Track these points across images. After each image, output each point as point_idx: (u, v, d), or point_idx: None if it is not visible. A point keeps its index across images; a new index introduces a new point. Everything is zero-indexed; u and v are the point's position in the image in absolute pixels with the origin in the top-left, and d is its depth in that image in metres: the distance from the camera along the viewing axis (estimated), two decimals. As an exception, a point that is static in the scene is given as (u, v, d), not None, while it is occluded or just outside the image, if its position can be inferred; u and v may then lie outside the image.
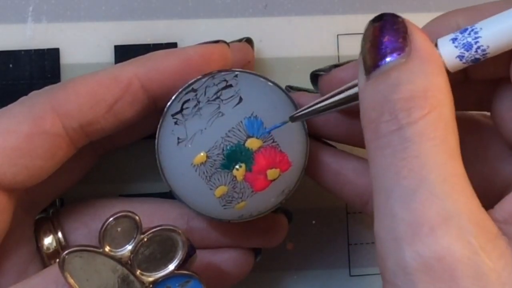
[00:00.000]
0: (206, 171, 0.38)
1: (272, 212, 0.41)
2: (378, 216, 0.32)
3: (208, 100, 0.38)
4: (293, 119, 0.39)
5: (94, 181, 0.46)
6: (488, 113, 0.39)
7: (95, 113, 0.39)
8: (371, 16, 0.43)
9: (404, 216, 0.31)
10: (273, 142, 0.39)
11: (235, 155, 0.38)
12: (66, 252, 0.35)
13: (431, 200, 0.31)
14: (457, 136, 0.32)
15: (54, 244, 0.42)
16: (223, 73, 0.39)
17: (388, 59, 0.33)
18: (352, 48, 0.47)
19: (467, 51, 0.34)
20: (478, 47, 0.34)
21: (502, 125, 0.37)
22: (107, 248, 0.35)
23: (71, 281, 0.35)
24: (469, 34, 0.34)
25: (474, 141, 0.39)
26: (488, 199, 0.38)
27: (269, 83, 0.40)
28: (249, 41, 0.45)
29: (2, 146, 0.37)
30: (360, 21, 0.47)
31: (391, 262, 0.32)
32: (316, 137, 0.42)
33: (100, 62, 0.46)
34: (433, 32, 0.36)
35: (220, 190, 0.38)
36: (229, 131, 0.38)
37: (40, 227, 0.42)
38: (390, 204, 0.32)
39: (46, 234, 0.42)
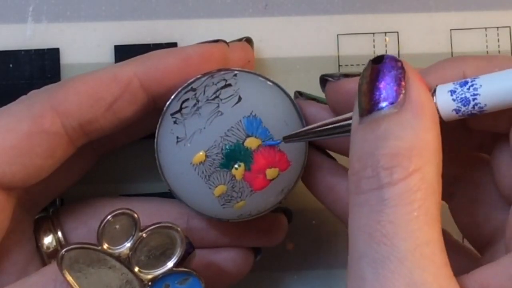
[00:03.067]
0: (205, 170, 0.38)
1: (272, 211, 0.41)
2: (350, 274, 0.32)
3: (207, 99, 0.38)
4: (286, 139, 0.38)
5: (94, 181, 0.46)
6: None
7: (94, 112, 0.39)
8: (371, 16, 0.43)
9: (374, 283, 0.30)
10: (272, 141, 0.38)
11: (234, 154, 0.38)
12: (64, 249, 0.35)
13: (400, 270, 0.30)
14: (439, 197, 0.32)
15: (54, 243, 0.42)
16: (222, 72, 0.39)
17: (381, 106, 0.32)
18: (352, 48, 0.47)
19: (464, 106, 0.33)
20: (476, 104, 0.33)
21: (499, 178, 0.37)
22: (105, 246, 0.35)
23: (70, 278, 0.35)
24: (468, 89, 0.33)
25: (472, 180, 0.39)
26: (477, 242, 0.38)
27: (268, 83, 0.40)
28: (248, 40, 0.45)
29: (1, 145, 0.37)
30: (360, 21, 0.47)
31: None
32: (317, 146, 0.42)
33: (100, 62, 0.46)
34: (437, 76, 0.35)
35: (219, 189, 0.38)
36: (228, 130, 0.38)
37: (40, 226, 0.42)
38: (361, 266, 0.31)
39: (46, 233, 0.42)
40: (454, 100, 0.33)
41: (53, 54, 0.46)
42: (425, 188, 0.31)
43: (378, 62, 0.33)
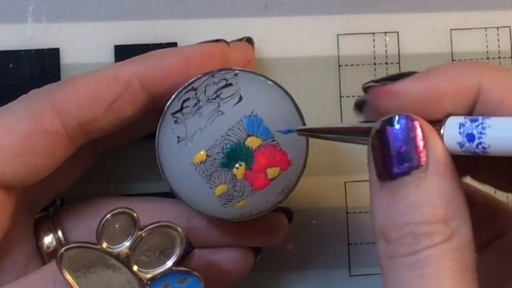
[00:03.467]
0: (206, 170, 0.38)
1: (272, 211, 0.41)
2: None
3: (208, 99, 0.38)
4: (300, 132, 0.38)
5: (94, 181, 0.46)
6: None
7: (94, 112, 0.39)
8: (371, 16, 0.43)
9: None
10: (273, 140, 0.38)
11: (235, 154, 0.38)
12: (64, 248, 0.35)
13: None
14: (474, 253, 0.32)
15: (54, 243, 0.42)
16: (223, 72, 0.39)
17: (405, 172, 0.32)
18: (352, 48, 0.47)
19: (468, 142, 0.32)
20: (480, 143, 0.32)
21: None
22: (104, 245, 0.35)
23: (69, 277, 0.35)
24: (477, 126, 0.32)
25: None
26: None
27: (269, 82, 0.40)
28: (249, 40, 0.45)
29: (1, 144, 0.37)
30: (360, 21, 0.47)
31: None
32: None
33: (100, 62, 0.46)
34: (453, 82, 0.33)
35: (220, 188, 0.38)
36: (229, 129, 0.38)
37: (40, 226, 0.42)
38: None
39: (46, 233, 0.42)
40: (460, 133, 0.32)
41: (53, 54, 0.46)
42: (463, 247, 0.31)
43: (392, 124, 0.32)
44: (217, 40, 0.41)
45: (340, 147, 0.44)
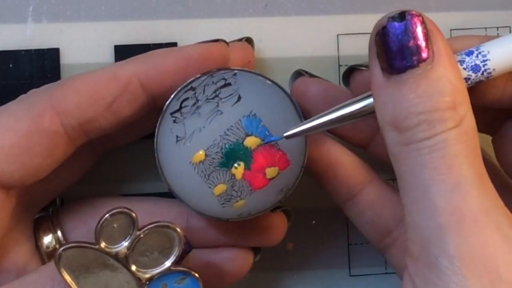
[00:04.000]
0: (205, 170, 0.38)
1: (271, 211, 0.41)
2: (417, 208, 0.34)
3: (207, 99, 0.38)
4: (288, 137, 0.38)
5: (94, 180, 0.46)
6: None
7: (94, 111, 0.39)
8: (371, 16, 0.43)
9: (447, 207, 0.33)
10: (272, 140, 0.38)
11: (233, 154, 0.38)
12: (62, 248, 0.35)
13: (472, 194, 0.33)
14: (478, 138, 0.35)
15: (54, 242, 0.42)
16: (222, 71, 0.39)
17: (413, 64, 0.34)
18: (352, 48, 0.47)
19: (475, 73, 0.35)
20: (486, 70, 0.35)
21: (502, 157, 0.41)
22: (103, 245, 0.35)
23: (67, 277, 0.35)
24: (477, 56, 0.35)
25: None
26: None
27: (268, 82, 0.40)
28: (249, 40, 0.45)
29: (0, 144, 0.37)
30: (360, 21, 0.47)
31: (434, 248, 0.33)
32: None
33: (100, 62, 0.46)
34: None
35: (219, 188, 0.38)
36: (227, 129, 0.38)
37: (40, 226, 0.42)
38: (430, 197, 0.33)
39: (45, 233, 0.42)
40: (465, 69, 0.36)
41: (53, 54, 0.46)
42: (472, 129, 0.34)
43: (397, 19, 0.34)
44: (216, 40, 0.41)
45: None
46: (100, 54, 0.46)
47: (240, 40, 0.45)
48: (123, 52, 0.46)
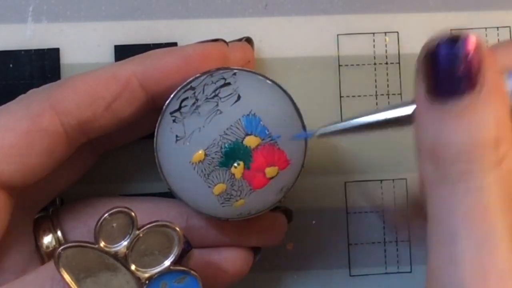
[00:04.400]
0: (205, 169, 0.38)
1: (271, 211, 0.41)
2: (441, 258, 0.32)
3: (207, 98, 0.38)
4: (320, 135, 0.37)
5: (94, 180, 0.46)
6: None
7: (93, 111, 0.39)
8: (371, 16, 0.43)
9: (473, 263, 0.31)
10: (271, 140, 0.38)
11: (233, 153, 0.38)
12: (61, 247, 0.35)
13: (499, 249, 0.31)
14: None
15: (54, 242, 0.42)
16: (221, 71, 0.39)
17: (461, 92, 0.32)
18: (352, 48, 0.47)
19: None
20: None
21: None
22: (102, 244, 0.35)
23: (67, 276, 0.35)
24: None
25: None
26: None
27: (268, 81, 0.40)
28: (249, 40, 0.45)
29: (0, 144, 0.37)
30: (360, 21, 0.47)
31: None
32: None
33: (100, 62, 0.46)
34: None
35: (219, 188, 0.38)
36: (227, 129, 0.38)
37: (40, 226, 0.42)
38: (456, 249, 0.31)
39: (45, 233, 0.42)
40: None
41: (53, 54, 0.46)
42: (510, 173, 0.32)
43: (449, 43, 0.33)
44: (216, 40, 0.41)
45: (340, 147, 0.44)
46: (100, 54, 0.46)
47: (239, 40, 0.45)
48: (123, 52, 0.46)
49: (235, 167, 0.38)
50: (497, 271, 0.31)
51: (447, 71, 0.32)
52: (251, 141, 0.38)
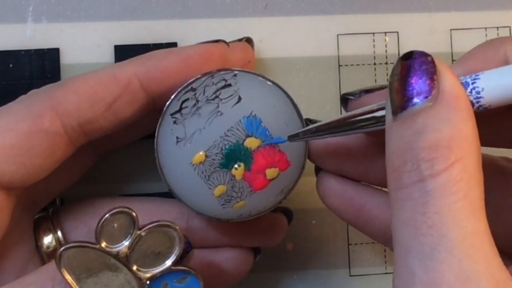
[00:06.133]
0: (205, 170, 0.38)
1: (272, 211, 0.41)
2: (397, 272, 0.31)
3: (207, 99, 0.38)
4: (291, 138, 0.38)
5: (94, 181, 0.46)
6: None
7: (94, 112, 0.39)
8: (371, 16, 0.43)
9: (422, 276, 0.30)
10: (272, 141, 0.38)
11: (234, 154, 0.38)
12: (63, 248, 0.35)
13: (450, 260, 0.30)
14: (482, 188, 0.31)
15: (54, 243, 0.42)
16: (222, 72, 0.39)
17: (414, 101, 0.32)
18: (352, 48, 0.47)
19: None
20: (480, 106, 0.33)
21: None
22: (103, 244, 0.35)
23: (68, 277, 0.35)
24: (471, 92, 0.33)
25: (499, 187, 0.38)
26: None
27: (268, 83, 0.40)
28: (249, 40, 0.45)
29: (0, 144, 0.37)
30: (360, 21, 0.47)
31: None
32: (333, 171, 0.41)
33: (100, 62, 0.46)
34: (480, 60, 0.35)
35: (219, 189, 0.38)
36: (228, 130, 0.38)
37: (40, 226, 0.42)
38: (408, 261, 0.30)
39: (45, 233, 0.42)
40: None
41: (53, 54, 0.46)
42: (467, 179, 0.30)
43: (407, 58, 0.33)
44: (217, 41, 0.41)
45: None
46: (100, 54, 0.46)
47: (240, 40, 0.44)
48: (123, 52, 0.46)
49: (236, 168, 0.38)
50: (446, 284, 0.29)
51: (404, 84, 0.32)
52: (251, 143, 0.38)
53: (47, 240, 0.42)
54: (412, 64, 0.33)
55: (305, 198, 0.46)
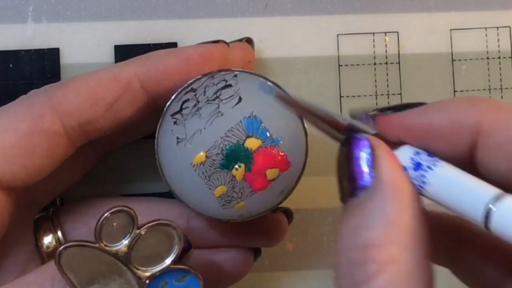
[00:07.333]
0: (206, 171, 0.38)
1: (272, 212, 0.41)
2: None
3: (208, 100, 0.38)
4: (277, 97, 0.37)
5: (94, 181, 0.46)
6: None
7: (94, 112, 0.39)
8: (371, 16, 0.43)
9: None
10: (273, 141, 0.38)
11: (234, 155, 0.38)
12: (62, 246, 0.35)
13: None
14: (425, 284, 0.29)
15: (54, 243, 0.42)
16: (222, 72, 0.39)
17: (355, 193, 0.30)
18: (352, 48, 0.47)
19: (415, 170, 0.31)
20: (422, 175, 0.31)
21: None
22: (103, 243, 0.35)
23: (67, 276, 0.35)
24: (418, 179, 0.31)
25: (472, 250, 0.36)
26: None
27: (269, 83, 0.40)
28: (249, 40, 0.45)
29: (1, 145, 0.37)
30: (360, 21, 0.47)
31: None
32: None
33: (100, 62, 0.46)
34: (453, 121, 0.31)
35: (220, 190, 0.38)
36: (228, 131, 0.38)
37: (40, 226, 0.42)
38: None
39: (45, 233, 0.42)
40: (411, 159, 0.31)
41: (53, 54, 0.46)
42: (402, 281, 0.28)
43: (346, 144, 0.31)
44: (217, 41, 0.41)
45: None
46: (100, 54, 0.46)
47: (240, 40, 0.44)
48: (123, 52, 0.46)
49: (236, 169, 0.38)
50: None
51: (342, 172, 0.31)
52: (252, 143, 0.38)
53: (47, 240, 0.42)
54: (350, 150, 0.31)
55: (305, 198, 0.46)
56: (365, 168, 0.30)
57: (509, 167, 0.29)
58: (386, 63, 0.48)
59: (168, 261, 0.36)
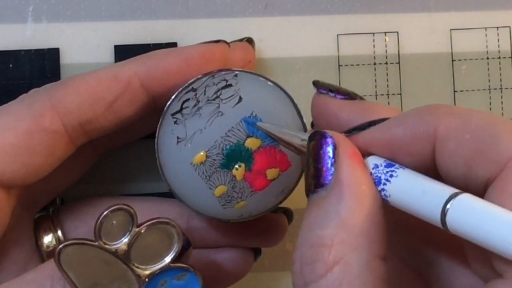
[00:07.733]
0: (206, 171, 0.38)
1: (272, 211, 0.41)
2: None
3: (208, 100, 0.38)
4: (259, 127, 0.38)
5: (94, 180, 0.46)
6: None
7: (94, 111, 0.39)
8: (371, 16, 0.43)
9: None
10: (273, 141, 0.38)
11: (234, 155, 0.38)
12: (61, 245, 0.35)
13: None
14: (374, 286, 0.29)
15: (54, 242, 0.42)
16: (223, 72, 0.39)
17: (315, 190, 0.30)
18: (352, 48, 0.47)
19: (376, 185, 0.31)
20: (383, 189, 0.31)
21: None
22: (102, 241, 0.35)
23: (67, 274, 0.35)
24: (387, 173, 0.31)
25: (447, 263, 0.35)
26: None
27: (269, 83, 0.40)
28: (249, 40, 0.45)
29: (1, 143, 0.37)
30: (360, 21, 0.47)
31: None
32: None
33: (100, 62, 0.46)
34: (408, 129, 0.31)
35: (220, 189, 0.38)
36: (228, 130, 0.38)
37: (40, 225, 0.42)
38: None
39: (45, 232, 0.42)
40: (371, 174, 0.31)
41: (53, 54, 0.46)
42: (349, 281, 0.28)
43: (309, 141, 0.31)
44: (217, 41, 0.41)
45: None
46: (100, 54, 0.46)
47: (240, 40, 0.44)
48: (123, 52, 0.46)
49: (236, 169, 0.38)
50: None
51: (307, 168, 0.31)
52: (252, 143, 0.38)
53: (47, 239, 0.42)
54: (314, 147, 0.31)
55: (305, 198, 0.46)
56: (326, 165, 0.31)
57: (465, 171, 0.30)
58: (386, 63, 0.48)
59: (167, 259, 0.36)
